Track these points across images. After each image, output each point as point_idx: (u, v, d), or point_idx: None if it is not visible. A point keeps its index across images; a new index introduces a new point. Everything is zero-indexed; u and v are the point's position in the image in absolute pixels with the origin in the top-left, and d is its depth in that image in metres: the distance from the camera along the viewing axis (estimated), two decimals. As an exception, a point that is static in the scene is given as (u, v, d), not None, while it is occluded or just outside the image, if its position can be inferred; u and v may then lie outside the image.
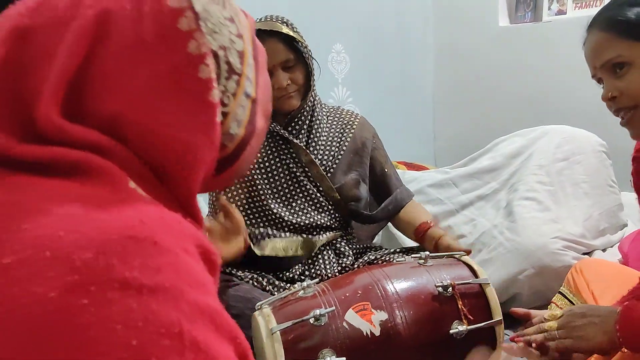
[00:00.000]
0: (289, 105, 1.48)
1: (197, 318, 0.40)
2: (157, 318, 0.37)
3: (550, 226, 1.96)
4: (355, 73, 2.83)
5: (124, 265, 0.38)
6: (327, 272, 1.48)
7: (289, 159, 1.52)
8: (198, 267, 0.43)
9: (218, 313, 0.42)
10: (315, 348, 1.08)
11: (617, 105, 1.02)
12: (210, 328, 0.40)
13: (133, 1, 0.48)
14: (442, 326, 1.13)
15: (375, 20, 2.93)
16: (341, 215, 1.57)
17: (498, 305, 1.15)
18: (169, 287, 0.39)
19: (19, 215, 0.40)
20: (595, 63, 1.04)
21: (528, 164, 2.18)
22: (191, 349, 0.38)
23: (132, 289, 0.37)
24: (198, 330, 0.39)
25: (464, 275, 1.20)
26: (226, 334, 0.42)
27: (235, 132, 0.54)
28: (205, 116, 0.49)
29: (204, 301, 0.41)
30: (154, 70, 0.47)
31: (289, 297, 1.19)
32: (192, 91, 0.48)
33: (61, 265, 0.37)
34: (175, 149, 0.49)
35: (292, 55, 1.46)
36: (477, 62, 3.11)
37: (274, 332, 1.06)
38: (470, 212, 2.20)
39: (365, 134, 1.63)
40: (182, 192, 0.50)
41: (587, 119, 2.49)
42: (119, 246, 0.38)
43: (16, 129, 0.45)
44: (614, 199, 2.19)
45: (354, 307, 1.13)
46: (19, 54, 0.46)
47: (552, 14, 2.87)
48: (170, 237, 0.41)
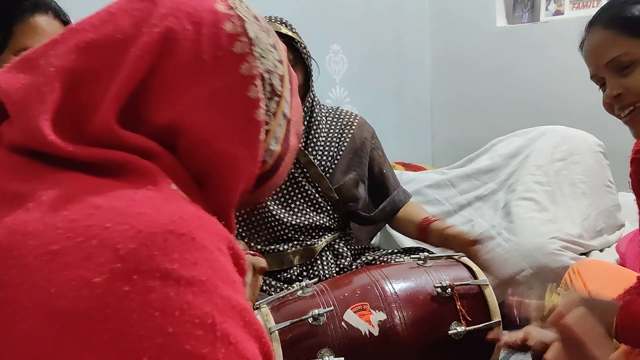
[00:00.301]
0: None
1: (229, 313, 0.42)
2: (192, 308, 0.40)
3: (548, 226, 1.96)
4: (353, 73, 2.82)
5: (165, 257, 0.40)
6: (325, 273, 1.48)
7: None
8: (229, 266, 0.45)
9: (247, 311, 0.44)
10: (313, 348, 1.08)
11: (622, 102, 1.00)
12: (239, 324, 0.42)
13: (194, 23, 0.52)
14: (441, 327, 1.13)
15: (373, 21, 2.93)
16: (340, 215, 1.57)
17: (497, 307, 1.15)
18: (205, 280, 0.41)
19: (67, 206, 0.42)
20: (598, 62, 1.01)
21: (526, 164, 2.19)
22: (222, 341, 0.40)
23: (171, 279, 0.40)
24: (229, 324, 0.41)
25: (463, 276, 1.20)
26: (253, 332, 0.44)
27: (274, 149, 0.58)
28: (251, 132, 0.54)
29: (235, 298, 0.43)
30: (209, 86, 0.52)
31: (287, 296, 1.19)
32: (241, 109, 0.53)
33: (107, 254, 0.39)
34: (221, 160, 0.53)
35: (291, 55, 1.45)
36: (474, 63, 3.11)
37: (273, 332, 1.06)
38: (468, 212, 2.21)
39: (364, 134, 1.62)
40: (221, 201, 0.54)
41: (585, 119, 2.50)
42: (161, 239, 0.41)
43: (74, 133, 0.48)
44: (612, 200, 2.19)
45: (352, 307, 1.13)
46: (84, 65, 0.50)
47: (549, 15, 2.88)
48: (206, 234, 0.44)
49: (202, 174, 0.53)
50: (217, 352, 0.40)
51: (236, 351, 0.41)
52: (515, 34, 2.96)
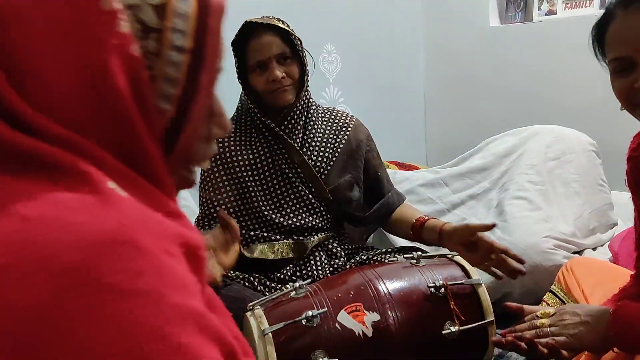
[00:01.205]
0: (283, 99, 1.47)
1: (180, 321, 0.39)
2: (140, 323, 0.37)
3: (541, 225, 1.97)
4: (346, 73, 2.83)
5: (105, 269, 0.37)
6: (319, 273, 1.48)
7: (282, 159, 1.52)
8: (180, 269, 0.42)
9: (201, 315, 0.41)
10: (307, 349, 1.07)
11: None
12: (194, 331, 0.40)
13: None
14: (434, 327, 1.13)
15: (366, 21, 2.93)
16: (333, 216, 1.57)
17: (490, 306, 1.16)
18: (151, 290, 0.38)
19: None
20: (636, 45, 0.91)
21: (519, 163, 2.19)
22: (176, 353, 0.38)
23: (114, 293, 0.37)
24: (181, 333, 0.39)
25: (456, 275, 1.20)
26: (211, 335, 0.42)
27: (171, 92, 0.49)
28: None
29: (186, 304, 0.40)
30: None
31: (280, 297, 1.18)
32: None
33: (41, 272, 0.36)
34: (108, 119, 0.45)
35: (288, 49, 1.47)
36: (467, 62, 3.12)
37: (266, 334, 1.06)
38: (461, 211, 2.21)
39: (360, 136, 1.63)
40: (150, 175, 0.47)
41: (578, 119, 2.51)
42: (100, 250, 0.38)
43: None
44: (604, 198, 2.20)
45: (346, 308, 1.12)
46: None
47: (542, 14, 2.89)
48: (151, 238, 0.40)
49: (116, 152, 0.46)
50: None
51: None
52: (508, 34, 2.97)
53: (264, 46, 1.45)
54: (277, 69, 1.44)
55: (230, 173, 1.51)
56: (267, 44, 1.45)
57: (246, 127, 1.55)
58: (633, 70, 0.92)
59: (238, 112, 1.59)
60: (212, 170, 1.52)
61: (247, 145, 1.53)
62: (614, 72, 0.96)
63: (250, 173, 1.51)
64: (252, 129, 1.54)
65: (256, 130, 1.54)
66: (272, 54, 1.44)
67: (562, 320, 1.04)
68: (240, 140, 1.53)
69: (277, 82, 1.45)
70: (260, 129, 1.53)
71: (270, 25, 1.45)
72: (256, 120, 1.53)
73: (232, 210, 1.50)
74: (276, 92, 1.46)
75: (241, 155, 1.51)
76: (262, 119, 1.50)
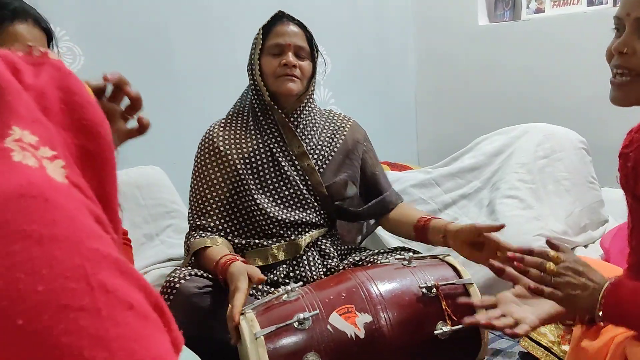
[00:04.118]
0: (289, 87, 1.49)
1: (101, 263, 0.40)
2: (61, 264, 0.38)
3: (532, 224, 1.98)
4: (337, 74, 2.83)
5: (20, 220, 0.38)
6: (312, 274, 1.48)
7: (279, 152, 1.52)
8: (94, 225, 0.43)
9: (122, 262, 0.42)
10: (299, 352, 1.07)
11: (623, 63, 0.94)
12: (115, 274, 0.41)
13: None
14: (427, 327, 1.14)
15: (356, 21, 2.93)
16: (327, 212, 1.57)
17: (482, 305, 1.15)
18: (68, 235, 0.39)
19: None
20: (630, 10, 0.92)
21: (509, 162, 2.20)
22: (99, 290, 0.38)
23: (32, 239, 0.38)
24: (103, 274, 0.40)
25: (447, 275, 1.21)
26: (134, 281, 0.42)
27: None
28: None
29: (105, 249, 0.41)
30: None
31: (272, 301, 1.18)
32: None
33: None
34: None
35: (308, 48, 1.53)
36: (457, 62, 3.13)
37: (258, 337, 1.06)
38: (453, 211, 2.21)
39: (357, 137, 1.65)
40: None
41: (567, 116, 2.52)
42: (12, 204, 0.39)
43: None
44: (595, 195, 2.21)
45: (338, 310, 1.12)
46: None
47: (530, 13, 2.90)
48: (61, 195, 0.42)
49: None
50: (97, 302, 0.38)
51: (117, 298, 0.39)
52: (497, 33, 2.98)
53: (289, 33, 1.51)
54: (292, 57, 1.49)
55: (225, 168, 1.51)
56: (292, 33, 1.52)
57: (242, 122, 1.56)
58: (621, 34, 0.94)
59: (235, 108, 1.60)
60: (207, 166, 1.52)
61: (244, 140, 1.53)
62: (614, 29, 0.97)
63: (248, 167, 1.51)
64: (250, 123, 1.55)
65: (254, 124, 1.54)
66: (293, 43, 1.50)
67: (566, 276, 1.00)
68: (236, 135, 1.54)
69: (289, 67, 1.48)
70: (258, 121, 1.54)
71: (299, 22, 1.55)
72: (257, 111, 1.54)
73: (225, 208, 1.50)
74: (285, 77, 1.49)
75: (237, 150, 1.52)
76: (271, 102, 1.52)
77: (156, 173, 2.05)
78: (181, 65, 2.26)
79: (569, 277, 1.00)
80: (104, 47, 2.04)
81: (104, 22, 2.05)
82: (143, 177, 2.00)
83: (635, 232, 1.13)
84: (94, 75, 0.71)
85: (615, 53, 0.94)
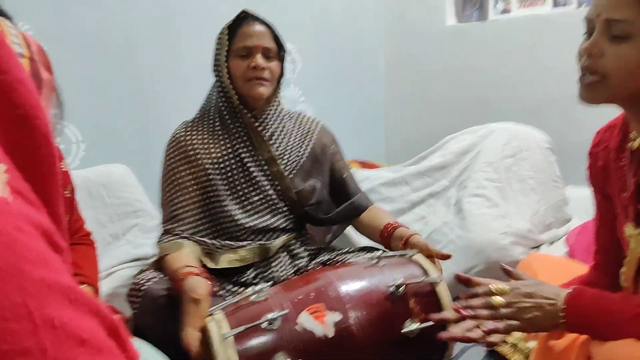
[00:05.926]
0: (259, 91, 1.47)
1: (47, 295, 0.36)
2: (0, 302, 0.34)
3: (499, 222, 2.01)
4: (307, 72, 2.82)
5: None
6: (281, 274, 1.47)
7: (247, 157, 1.51)
8: (39, 245, 0.38)
9: (70, 288, 0.38)
10: (269, 352, 1.07)
11: (591, 64, 0.94)
12: (63, 304, 0.37)
13: None
14: (395, 325, 1.14)
15: (326, 20, 2.93)
16: (296, 217, 1.56)
17: (450, 303, 1.16)
18: (7, 267, 0.35)
19: None
20: (601, 12, 0.92)
21: (477, 161, 2.23)
22: (45, 328, 0.35)
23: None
24: (50, 307, 0.36)
25: (415, 274, 1.21)
26: (85, 308, 0.38)
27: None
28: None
29: (51, 277, 0.37)
30: None
31: (241, 301, 1.17)
32: None
33: None
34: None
35: (275, 48, 1.50)
36: (426, 61, 3.16)
37: (227, 338, 1.05)
38: (421, 209, 2.23)
39: (325, 141, 1.64)
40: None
41: (532, 116, 2.56)
42: None
43: None
44: (559, 194, 2.25)
45: (307, 310, 1.12)
46: None
47: (497, 13, 2.94)
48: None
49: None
50: (43, 341, 0.34)
51: (66, 333, 0.36)
52: (464, 33, 3.02)
53: (256, 34, 1.48)
54: (260, 59, 1.47)
55: (195, 172, 1.49)
56: (259, 33, 1.48)
57: (209, 126, 1.53)
58: (588, 34, 0.95)
59: (202, 110, 1.58)
60: (177, 169, 1.49)
61: (212, 143, 1.51)
62: (585, 27, 0.97)
63: (217, 172, 1.49)
64: (218, 125, 1.52)
65: (222, 127, 1.52)
66: (260, 44, 1.47)
67: (516, 303, 1.02)
68: (204, 139, 1.52)
69: (258, 70, 1.46)
70: (226, 125, 1.51)
71: (264, 21, 1.51)
72: (225, 115, 1.52)
73: (197, 211, 1.48)
74: (254, 81, 1.47)
75: (206, 153, 1.50)
76: (240, 106, 1.50)
77: (122, 171, 2.02)
78: (146, 62, 2.22)
79: (520, 303, 1.02)
80: (69, 44, 2.00)
81: (69, 20, 2.00)
82: (109, 175, 1.96)
83: (602, 231, 1.15)
84: (59, 73, 0.69)
85: (584, 54, 0.94)
